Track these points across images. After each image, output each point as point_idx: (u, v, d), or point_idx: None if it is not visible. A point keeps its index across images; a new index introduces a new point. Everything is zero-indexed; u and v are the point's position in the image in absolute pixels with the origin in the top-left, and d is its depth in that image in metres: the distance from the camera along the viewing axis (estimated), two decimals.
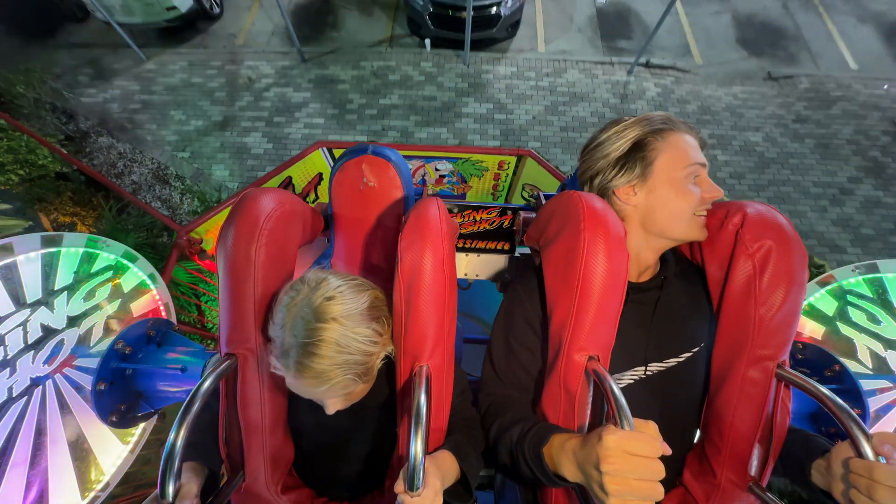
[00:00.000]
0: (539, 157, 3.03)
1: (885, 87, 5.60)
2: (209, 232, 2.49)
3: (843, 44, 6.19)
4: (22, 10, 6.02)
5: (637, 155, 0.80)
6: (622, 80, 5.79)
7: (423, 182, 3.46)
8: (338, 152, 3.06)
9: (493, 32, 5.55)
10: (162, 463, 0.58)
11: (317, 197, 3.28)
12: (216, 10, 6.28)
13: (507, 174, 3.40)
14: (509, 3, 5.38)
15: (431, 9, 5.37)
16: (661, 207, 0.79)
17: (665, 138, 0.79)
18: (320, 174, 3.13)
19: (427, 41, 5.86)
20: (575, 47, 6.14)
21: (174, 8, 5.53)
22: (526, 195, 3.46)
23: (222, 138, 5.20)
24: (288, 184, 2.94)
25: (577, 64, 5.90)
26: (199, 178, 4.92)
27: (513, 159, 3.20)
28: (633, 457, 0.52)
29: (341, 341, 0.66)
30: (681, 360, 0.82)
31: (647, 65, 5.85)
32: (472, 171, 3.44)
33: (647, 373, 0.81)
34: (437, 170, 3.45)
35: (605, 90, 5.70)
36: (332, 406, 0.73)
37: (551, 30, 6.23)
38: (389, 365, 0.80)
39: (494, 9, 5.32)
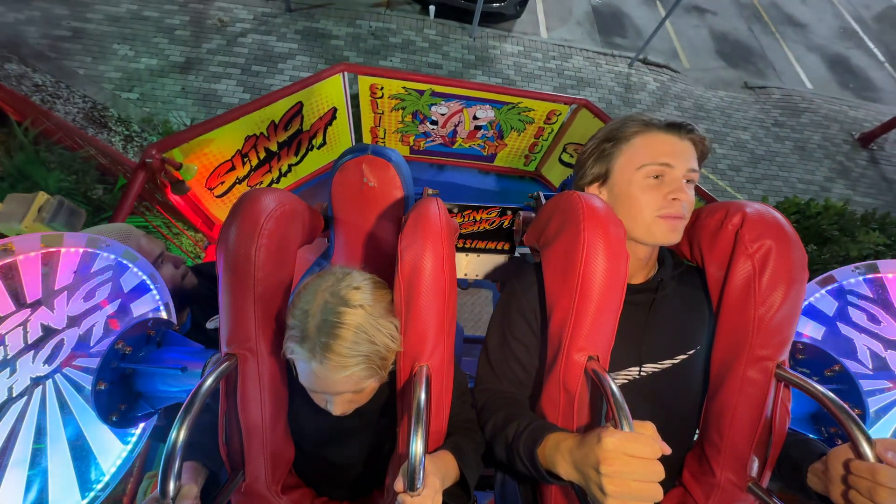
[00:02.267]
0: (597, 108, 2.75)
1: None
2: (190, 157, 2.00)
3: (798, 66, 7.13)
4: None
5: (602, 155, 0.83)
6: (624, 72, 6.05)
7: (454, 133, 3.21)
8: (363, 82, 2.74)
9: (503, 6, 5.43)
10: (162, 463, 0.58)
11: (324, 142, 2.88)
12: None
13: (553, 129, 3.08)
14: None
15: None
16: (619, 208, 0.80)
17: (629, 139, 0.80)
18: (334, 109, 2.79)
19: (431, 8, 5.63)
20: (575, 37, 6.38)
21: None
22: (567, 157, 3.11)
23: (184, 81, 4.44)
24: (297, 112, 2.55)
25: (581, 52, 6.10)
26: (149, 124, 4.04)
27: (564, 109, 2.90)
28: (632, 458, 0.52)
29: (367, 328, 0.67)
30: (675, 361, 0.82)
31: (644, 61, 6.21)
32: (515, 122, 3.10)
33: (642, 374, 0.81)
34: (475, 117, 3.11)
35: (610, 79, 5.91)
36: (340, 406, 0.73)
37: (552, 19, 6.43)
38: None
39: None
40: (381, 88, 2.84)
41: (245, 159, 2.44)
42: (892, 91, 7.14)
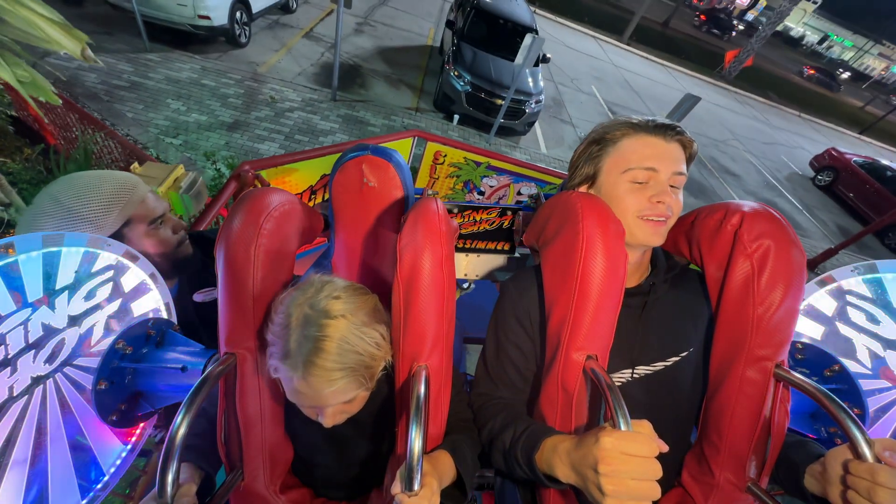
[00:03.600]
0: None
1: None
2: (276, 180, 2.23)
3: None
4: None
5: (590, 157, 0.84)
6: None
7: (498, 203, 3.39)
8: (430, 148, 3.02)
9: (516, 124, 6.46)
10: (161, 462, 0.58)
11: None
12: (244, 39, 6.22)
13: None
14: (533, 105, 6.39)
15: (470, 89, 6.17)
16: None
17: (616, 141, 0.81)
18: None
19: (456, 116, 6.64)
20: (567, 157, 7.08)
21: (207, 17, 5.28)
22: None
23: (228, 138, 4.72)
24: None
25: None
26: (188, 167, 4.25)
27: None
28: (630, 457, 0.52)
29: (350, 339, 0.66)
30: (668, 364, 0.82)
31: None
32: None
33: (634, 376, 0.82)
34: (519, 193, 3.39)
35: None
36: (330, 418, 0.71)
37: (549, 141, 7.47)
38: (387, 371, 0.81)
39: (523, 105, 6.28)
40: (444, 156, 3.19)
41: (313, 195, 2.69)
42: (816, 232, 8.69)
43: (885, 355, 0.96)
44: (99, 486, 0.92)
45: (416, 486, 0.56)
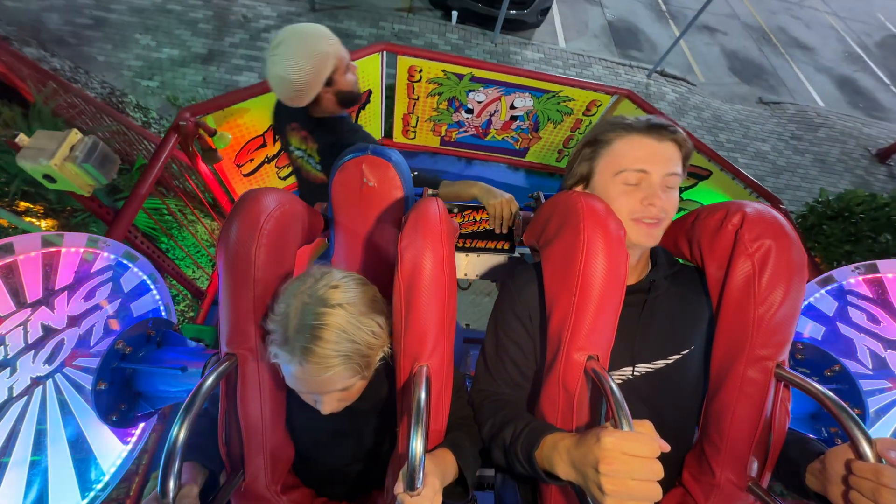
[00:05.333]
0: (641, 98, 2.62)
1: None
2: (223, 126, 1.91)
3: (809, 85, 7.41)
4: None
5: (585, 157, 0.84)
6: (643, 82, 6.18)
7: (488, 124, 3.09)
8: (402, 63, 2.61)
9: (526, 14, 5.51)
10: (162, 462, 0.58)
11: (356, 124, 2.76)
12: None
13: (591, 122, 2.98)
14: None
15: None
16: None
17: (611, 142, 0.81)
18: (369, 91, 2.68)
19: (454, 13, 5.66)
20: (592, 48, 6.51)
21: None
22: None
23: (205, 72, 4.41)
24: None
25: (600, 61, 6.19)
26: (168, 111, 4.01)
27: (606, 99, 2.78)
28: (631, 457, 0.52)
29: (347, 328, 0.66)
30: (669, 362, 0.82)
31: (662, 73, 6.37)
32: (553, 113, 2.97)
33: (635, 374, 0.82)
34: (512, 106, 2.97)
35: (630, 87, 5.99)
36: (328, 405, 0.73)
37: (569, 31, 6.59)
38: (387, 366, 0.80)
39: None
40: (420, 71, 2.70)
41: (276, 136, 2.25)
42: None
43: (886, 355, 0.96)
44: (99, 486, 0.92)
45: (418, 485, 0.56)
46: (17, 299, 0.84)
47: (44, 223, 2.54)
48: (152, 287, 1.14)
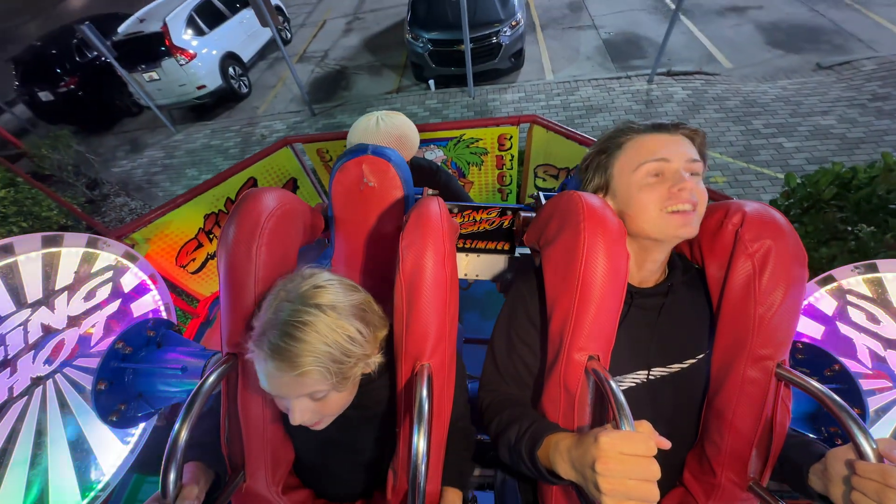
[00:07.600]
0: (546, 120, 2.44)
1: None
2: (153, 239, 2.13)
3: (895, 28, 6.24)
4: (88, 109, 7.17)
5: (599, 166, 0.84)
6: (643, 89, 5.90)
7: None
8: (310, 150, 2.75)
9: (496, 63, 5.72)
10: (163, 462, 0.58)
11: None
12: (244, 89, 7.41)
13: (512, 155, 2.84)
14: (508, 32, 5.50)
15: (431, 47, 5.53)
16: (626, 209, 0.79)
17: (621, 146, 0.81)
18: (294, 179, 2.77)
19: (431, 81, 6.12)
20: (584, 72, 6.35)
21: (203, 86, 6.59)
22: (541, 182, 2.78)
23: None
24: (252, 186, 2.61)
25: (590, 82, 6.05)
26: None
27: (514, 131, 2.62)
28: (628, 457, 0.52)
29: (321, 329, 0.64)
30: (684, 366, 0.82)
31: (669, 73, 6.00)
32: (468, 156, 2.88)
33: (650, 377, 0.81)
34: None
35: (626, 99, 5.79)
36: (298, 412, 0.68)
37: (558, 62, 6.61)
38: (388, 366, 0.80)
39: (494, 38, 5.45)
40: (327, 151, 2.90)
41: (210, 235, 2.54)
42: None
43: (886, 355, 0.96)
44: (99, 486, 0.92)
45: (422, 485, 0.56)
46: (17, 299, 0.84)
47: None
48: (152, 287, 1.14)
